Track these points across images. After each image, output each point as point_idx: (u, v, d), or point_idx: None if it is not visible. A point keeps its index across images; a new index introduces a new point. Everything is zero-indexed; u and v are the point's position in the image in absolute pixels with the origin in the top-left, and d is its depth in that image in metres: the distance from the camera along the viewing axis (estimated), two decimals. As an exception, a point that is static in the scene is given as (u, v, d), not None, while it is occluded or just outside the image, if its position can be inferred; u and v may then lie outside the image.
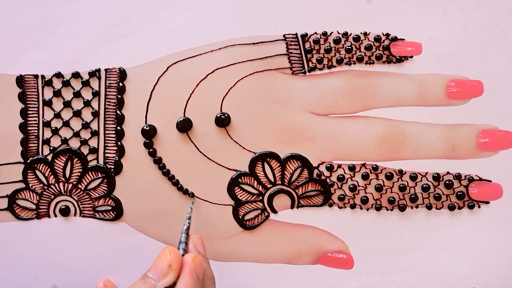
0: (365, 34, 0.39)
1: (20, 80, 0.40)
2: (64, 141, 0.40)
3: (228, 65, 0.39)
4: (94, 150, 0.40)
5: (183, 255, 0.33)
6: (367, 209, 0.40)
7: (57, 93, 0.40)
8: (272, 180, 0.40)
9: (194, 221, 0.39)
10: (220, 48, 0.39)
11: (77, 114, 0.40)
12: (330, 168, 0.39)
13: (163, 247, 0.33)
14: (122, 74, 0.40)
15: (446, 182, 0.39)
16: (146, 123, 0.40)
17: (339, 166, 0.40)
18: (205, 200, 0.39)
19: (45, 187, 0.40)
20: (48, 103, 0.40)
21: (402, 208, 0.39)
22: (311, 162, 0.39)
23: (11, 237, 0.40)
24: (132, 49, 0.39)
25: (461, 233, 0.39)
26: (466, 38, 0.39)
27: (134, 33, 0.39)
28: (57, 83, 0.40)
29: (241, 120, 0.39)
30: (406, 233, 0.39)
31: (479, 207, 0.39)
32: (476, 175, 0.39)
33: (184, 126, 0.39)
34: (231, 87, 0.39)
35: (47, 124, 0.40)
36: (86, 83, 0.40)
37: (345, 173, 0.40)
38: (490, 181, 0.39)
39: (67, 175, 0.40)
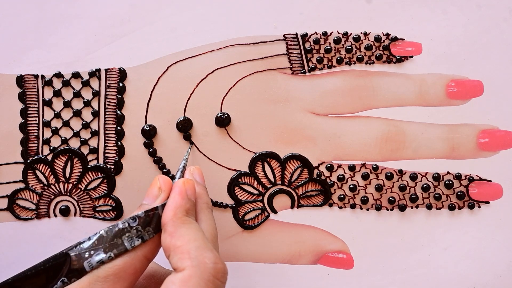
0: (365, 34, 0.39)
1: (20, 80, 0.40)
2: (64, 141, 0.40)
3: (228, 65, 0.39)
4: (94, 150, 0.40)
5: None
6: (367, 209, 0.40)
7: (57, 93, 0.40)
8: (272, 180, 0.40)
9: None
10: (220, 48, 0.39)
11: (77, 114, 0.40)
12: (330, 168, 0.39)
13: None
14: (122, 74, 0.40)
15: (446, 182, 0.39)
16: (146, 123, 0.40)
17: (339, 166, 0.40)
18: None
19: (45, 187, 0.40)
20: (48, 103, 0.40)
21: (402, 208, 0.39)
22: (311, 162, 0.39)
23: (11, 237, 0.40)
24: (132, 49, 0.39)
25: (461, 233, 0.39)
26: (466, 38, 0.39)
27: (134, 33, 0.39)
28: (57, 83, 0.40)
29: (241, 120, 0.39)
30: (406, 233, 0.39)
31: (479, 207, 0.39)
32: (476, 175, 0.39)
33: (184, 126, 0.39)
34: (231, 87, 0.39)
35: (47, 124, 0.40)
36: (86, 83, 0.40)
37: (345, 173, 0.40)
38: (490, 181, 0.39)
39: (67, 175, 0.40)
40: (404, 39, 0.39)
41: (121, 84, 0.40)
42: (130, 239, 0.29)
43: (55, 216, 0.40)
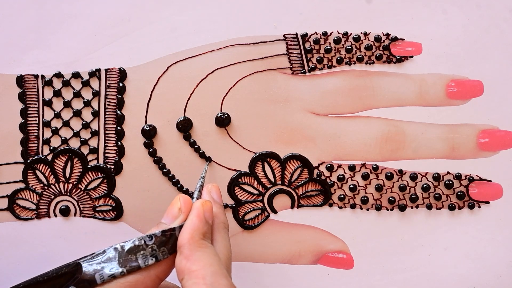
0: (365, 34, 0.39)
1: (20, 80, 0.40)
2: (64, 141, 0.40)
3: (228, 65, 0.39)
4: (94, 150, 0.40)
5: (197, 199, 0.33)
6: (367, 209, 0.40)
7: (57, 93, 0.40)
8: (272, 180, 0.40)
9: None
10: (220, 48, 0.39)
11: (77, 114, 0.40)
12: (330, 168, 0.39)
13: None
14: (122, 74, 0.40)
15: (446, 182, 0.39)
16: (146, 123, 0.40)
17: (339, 166, 0.40)
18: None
19: (45, 187, 0.40)
20: (48, 103, 0.40)
21: (402, 208, 0.39)
22: (311, 162, 0.39)
23: (11, 237, 0.40)
24: (132, 49, 0.39)
25: (461, 233, 0.39)
26: (466, 38, 0.39)
27: (134, 33, 0.39)
28: (57, 83, 0.40)
29: (241, 120, 0.39)
30: (406, 233, 0.39)
31: (479, 207, 0.39)
32: (476, 175, 0.39)
33: (184, 126, 0.39)
34: (231, 87, 0.39)
35: (47, 124, 0.40)
36: (86, 83, 0.40)
37: (345, 173, 0.40)
38: (490, 181, 0.39)
39: (67, 175, 0.40)
40: (404, 39, 0.39)
41: (121, 84, 0.40)
42: (144, 257, 0.29)
43: (55, 216, 0.40)
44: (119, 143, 0.40)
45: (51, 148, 0.40)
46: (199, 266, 0.28)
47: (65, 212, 0.40)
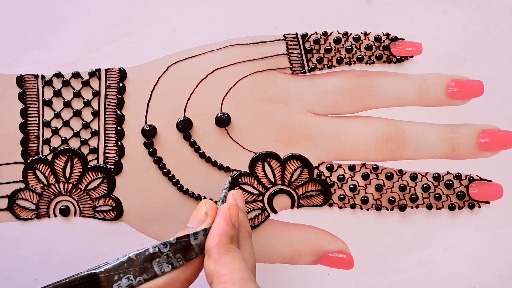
0: (365, 34, 0.39)
1: (20, 80, 0.40)
2: (64, 141, 0.40)
3: (228, 65, 0.39)
4: (94, 150, 0.40)
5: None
6: (367, 209, 0.40)
7: (57, 93, 0.40)
8: (272, 180, 0.40)
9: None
10: (220, 48, 0.39)
11: (77, 114, 0.40)
12: (330, 168, 0.39)
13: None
14: (122, 74, 0.40)
15: (446, 182, 0.39)
16: (146, 123, 0.40)
17: (339, 166, 0.40)
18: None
19: (45, 187, 0.40)
20: (48, 103, 0.40)
21: (402, 208, 0.39)
22: (311, 162, 0.39)
23: (11, 237, 0.40)
24: (132, 49, 0.39)
25: (461, 233, 0.39)
26: (466, 38, 0.39)
27: (134, 33, 0.39)
28: (57, 83, 0.40)
29: (241, 120, 0.39)
30: (406, 233, 0.39)
31: (479, 207, 0.39)
32: (477, 175, 0.39)
33: (184, 126, 0.39)
34: (231, 87, 0.39)
35: (47, 124, 0.40)
36: (86, 83, 0.40)
37: (345, 173, 0.40)
38: (491, 181, 0.39)
39: (67, 175, 0.40)
40: (404, 39, 0.39)
41: (121, 84, 0.40)
42: (160, 265, 0.29)
43: (55, 216, 0.40)
44: (119, 143, 0.40)
45: (51, 148, 0.40)
46: (228, 270, 0.28)
47: (65, 212, 0.40)
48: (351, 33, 0.39)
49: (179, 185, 0.39)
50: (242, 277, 0.28)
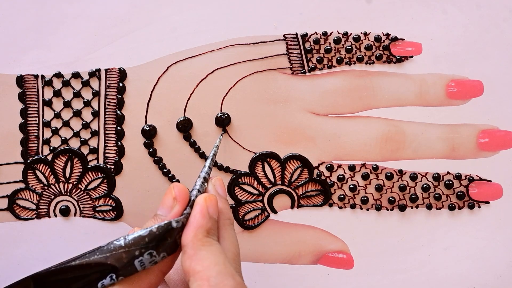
0: (365, 34, 0.39)
1: (20, 80, 0.40)
2: (64, 141, 0.40)
3: (228, 65, 0.39)
4: (94, 150, 0.40)
5: (199, 191, 0.31)
6: (367, 209, 0.40)
7: (57, 93, 0.40)
8: (272, 180, 0.40)
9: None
10: (220, 48, 0.39)
11: (77, 114, 0.40)
12: (330, 168, 0.39)
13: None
14: (122, 74, 0.40)
15: (446, 182, 0.39)
16: (146, 123, 0.40)
17: (339, 166, 0.40)
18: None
19: (45, 187, 0.40)
20: (48, 103, 0.40)
21: (402, 208, 0.39)
22: (311, 162, 0.39)
23: (11, 237, 0.40)
24: (132, 49, 0.39)
25: (461, 233, 0.39)
26: (466, 38, 0.39)
27: (134, 33, 0.39)
28: (57, 83, 0.40)
29: (241, 120, 0.39)
30: (406, 233, 0.39)
31: (479, 207, 0.39)
32: (476, 175, 0.39)
33: (184, 126, 0.39)
34: (231, 87, 0.39)
35: (47, 124, 0.40)
36: (86, 83, 0.40)
37: (345, 173, 0.40)
38: (490, 181, 0.39)
39: (67, 175, 0.40)
40: (404, 39, 0.39)
41: (121, 84, 0.40)
42: (142, 264, 0.28)
43: (55, 216, 0.40)
44: (119, 143, 0.40)
45: (51, 148, 0.40)
46: (203, 266, 0.27)
47: (65, 212, 0.40)
48: (351, 33, 0.39)
49: (179, 185, 0.39)
50: (219, 272, 0.26)
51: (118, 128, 0.40)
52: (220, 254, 0.28)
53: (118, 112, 0.40)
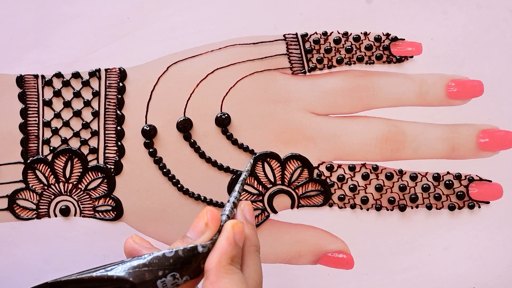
0: (365, 34, 0.39)
1: (20, 80, 0.40)
2: (64, 141, 0.40)
3: (228, 65, 0.39)
4: (94, 150, 0.40)
5: (228, 217, 0.32)
6: (367, 209, 0.40)
7: (57, 93, 0.40)
8: (272, 180, 0.40)
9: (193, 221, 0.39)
10: (220, 48, 0.39)
11: (77, 114, 0.40)
12: (330, 168, 0.39)
13: (164, 247, 0.33)
14: (122, 74, 0.40)
15: (446, 182, 0.39)
16: (146, 123, 0.40)
17: (339, 166, 0.40)
18: (203, 201, 0.40)
19: (45, 187, 0.40)
20: (48, 103, 0.40)
21: (402, 208, 0.39)
22: (311, 162, 0.39)
23: (11, 237, 0.40)
24: (132, 49, 0.39)
25: (461, 233, 0.39)
26: (466, 38, 0.39)
27: (134, 33, 0.39)
28: (57, 83, 0.40)
29: (241, 120, 0.39)
30: (406, 233, 0.39)
31: (479, 207, 0.39)
32: (476, 175, 0.39)
33: (184, 126, 0.39)
34: (231, 87, 0.39)
35: (47, 124, 0.40)
36: (86, 83, 0.40)
37: (345, 173, 0.40)
38: (490, 181, 0.39)
39: (67, 175, 0.40)
40: (404, 39, 0.39)
41: (121, 84, 0.40)
42: (164, 285, 0.27)
43: (55, 216, 0.40)
44: (119, 143, 0.40)
45: (51, 148, 0.40)
46: None
47: (65, 212, 0.40)
48: (351, 33, 0.39)
49: (179, 185, 0.39)
50: None
51: (118, 128, 0.40)
52: (241, 284, 0.28)
53: (118, 112, 0.40)
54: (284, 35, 0.39)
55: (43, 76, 0.40)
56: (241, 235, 0.30)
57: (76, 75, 0.40)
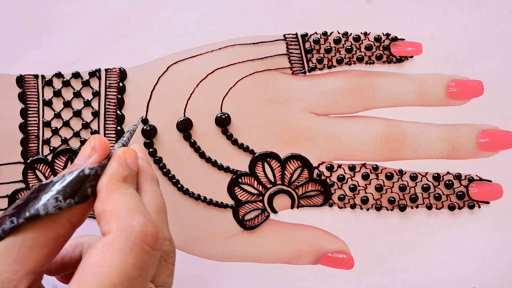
0: (365, 34, 0.39)
1: (20, 80, 0.40)
2: (64, 141, 0.40)
3: (228, 65, 0.39)
4: (94, 150, 0.40)
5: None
6: (367, 209, 0.40)
7: (57, 93, 0.40)
8: (272, 180, 0.40)
9: (193, 221, 0.39)
10: (220, 48, 0.39)
11: (77, 114, 0.40)
12: (330, 168, 0.39)
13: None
14: (122, 74, 0.40)
15: (446, 182, 0.39)
16: (146, 123, 0.40)
17: (339, 166, 0.40)
18: (203, 201, 0.40)
19: (45, 187, 0.40)
20: (48, 103, 0.40)
21: (402, 208, 0.39)
22: (311, 162, 0.39)
23: (11, 237, 0.40)
24: (132, 49, 0.39)
25: (461, 233, 0.39)
26: (466, 38, 0.39)
27: (134, 33, 0.39)
28: (57, 83, 0.40)
29: (241, 120, 0.39)
30: (406, 233, 0.39)
31: (479, 207, 0.39)
32: (476, 175, 0.39)
33: (184, 126, 0.39)
34: (231, 87, 0.39)
35: (47, 124, 0.40)
36: (86, 83, 0.40)
37: (345, 173, 0.40)
38: (490, 181, 0.39)
39: (67, 175, 0.40)
40: (404, 39, 0.39)
41: (121, 84, 0.40)
42: (45, 208, 0.26)
43: (55, 216, 0.40)
44: (119, 143, 0.40)
45: (51, 148, 0.40)
46: (113, 205, 0.25)
47: (65, 212, 0.40)
48: (351, 33, 0.39)
49: (179, 185, 0.39)
50: (128, 209, 0.25)
51: (118, 128, 0.40)
52: (133, 197, 0.26)
53: (118, 112, 0.40)
54: (284, 35, 0.39)
55: (43, 76, 0.40)
56: (134, 160, 0.29)
57: (76, 75, 0.40)
